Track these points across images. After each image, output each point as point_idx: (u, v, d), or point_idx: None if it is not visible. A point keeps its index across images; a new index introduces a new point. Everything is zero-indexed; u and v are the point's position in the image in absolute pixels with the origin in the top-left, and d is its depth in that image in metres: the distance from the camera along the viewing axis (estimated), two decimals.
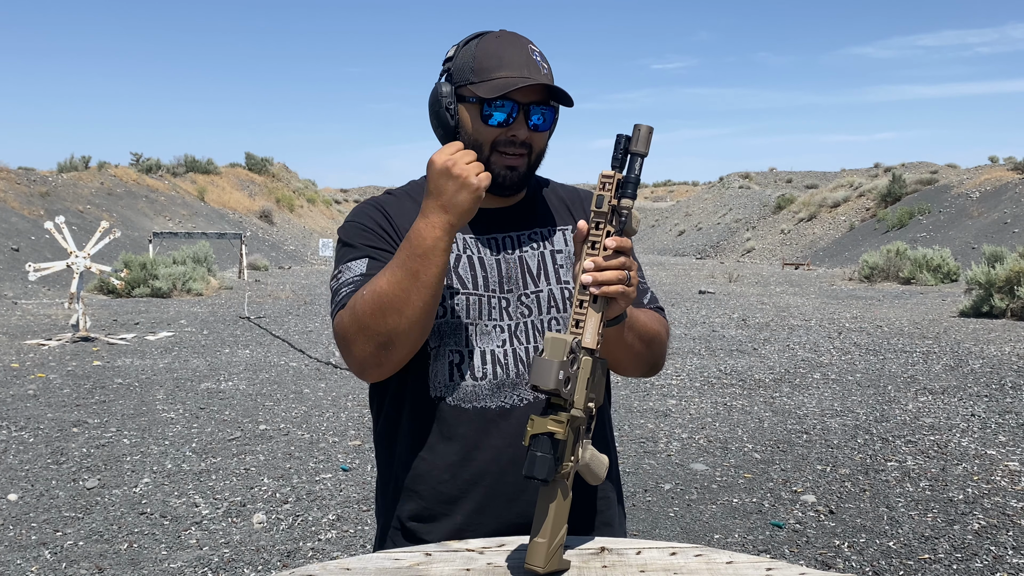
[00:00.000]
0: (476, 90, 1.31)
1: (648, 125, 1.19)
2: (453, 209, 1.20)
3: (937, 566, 3.47)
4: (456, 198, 1.19)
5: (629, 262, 1.16)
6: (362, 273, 1.31)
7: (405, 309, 1.21)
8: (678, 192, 68.86)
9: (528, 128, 1.32)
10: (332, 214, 48.68)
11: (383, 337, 1.23)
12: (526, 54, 1.33)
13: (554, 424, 1.10)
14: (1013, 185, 27.88)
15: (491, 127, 1.31)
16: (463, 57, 1.35)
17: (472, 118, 1.33)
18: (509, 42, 1.34)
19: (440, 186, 1.19)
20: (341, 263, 1.36)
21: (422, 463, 1.36)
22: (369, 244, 1.35)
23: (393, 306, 1.21)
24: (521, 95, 1.30)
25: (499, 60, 1.31)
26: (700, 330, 11.37)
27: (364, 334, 1.23)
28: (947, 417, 6.08)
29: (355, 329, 1.24)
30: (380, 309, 1.21)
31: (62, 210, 22.79)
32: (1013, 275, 12.36)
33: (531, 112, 1.31)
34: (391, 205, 1.41)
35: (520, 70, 1.30)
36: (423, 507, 1.36)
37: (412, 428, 1.37)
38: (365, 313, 1.22)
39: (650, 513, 4.19)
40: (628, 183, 1.17)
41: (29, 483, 4.61)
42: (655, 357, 1.40)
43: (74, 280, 10.17)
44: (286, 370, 8.25)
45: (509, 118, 1.31)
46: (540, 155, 1.37)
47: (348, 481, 4.68)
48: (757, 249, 38.72)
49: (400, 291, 1.20)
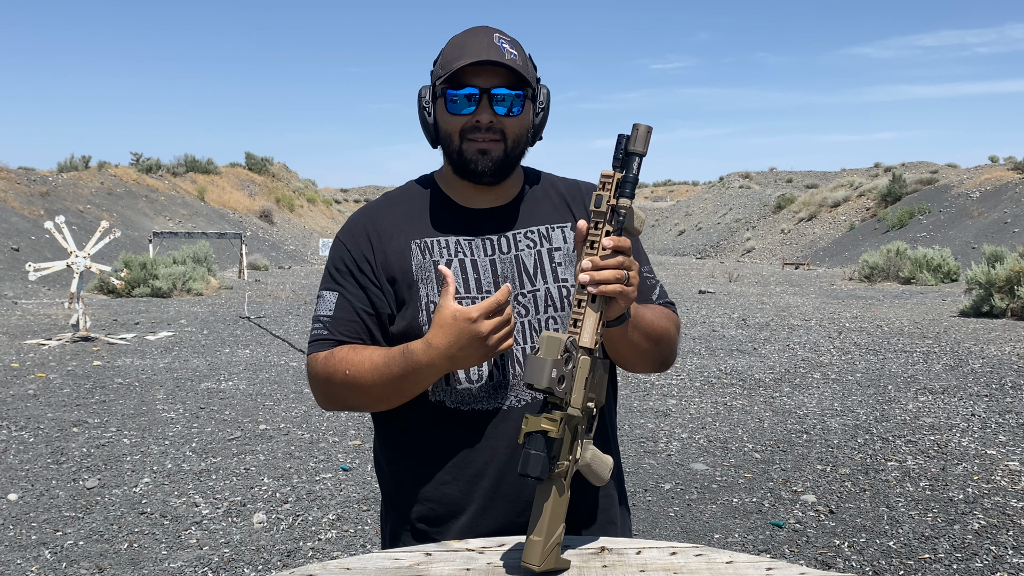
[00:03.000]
0: (441, 82, 1.33)
1: (647, 125, 1.18)
2: (458, 362, 1.25)
3: (937, 566, 3.47)
4: (469, 360, 1.24)
5: (628, 261, 1.16)
6: (330, 312, 1.38)
7: (378, 403, 1.35)
8: (678, 192, 68.85)
9: (492, 112, 1.32)
10: (332, 214, 48.68)
11: (350, 406, 1.38)
12: (488, 40, 1.33)
13: (547, 422, 1.11)
14: (1013, 185, 27.88)
15: (455, 115, 1.33)
16: (440, 56, 1.38)
17: (440, 110, 1.35)
18: (473, 32, 1.36)
19: (463, 343, 1.22)
20: (321, 285, 1.42)
21: (424, 467, 1.37)
22: (342, 278, 1.40)
23: (369, 394, 1.31)
24: (482, 80, 1.31)
25: (461, 50, 1.33)
26: (700, 330, 11.37)
27: (331, 397, 1.36)
28: (947, 417, 6.07)
29: (324, 387, 1.35)
30: (356, 393, 1.33)
31: (62, 210, 22.79)
32: (1013, 275, 12.36)
33: (494, 96, 1.31)
34: (382, 217, 1.41)
35: (479, 55, 1.30)
36: (429, 509, 1.36)
37: (413, 432, 1.38)
38: (342, 387, 1.32)
39: (650, 513, 4.19)
40: (626, 183, 1.17)
41: (29, 483, 4.61)
42: (664, 354, 1.40)
43: (74, 280, 10.17)
44: (286, 370, 8.25)
45: (470, 103, 1.31)
46: (518, 142, 1.36)
47: (348, 481, 4.68)
48: (757, 249, 38.71)
49: (380, 390, 1.30)
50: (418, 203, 1.42)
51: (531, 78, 1.35)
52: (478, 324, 1.20)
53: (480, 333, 1.20)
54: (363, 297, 1.37)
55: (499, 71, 1.31)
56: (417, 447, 1.37)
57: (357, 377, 1.29)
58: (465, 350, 1.22)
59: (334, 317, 1.37)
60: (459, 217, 1.40)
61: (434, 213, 1.41)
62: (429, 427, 1.36)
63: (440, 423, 1.35)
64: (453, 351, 1.22)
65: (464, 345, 1.21)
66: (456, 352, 1.22)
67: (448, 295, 1.24)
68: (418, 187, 1.45)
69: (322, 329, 1.37)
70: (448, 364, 1.24)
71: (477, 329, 1.20)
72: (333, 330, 1.36)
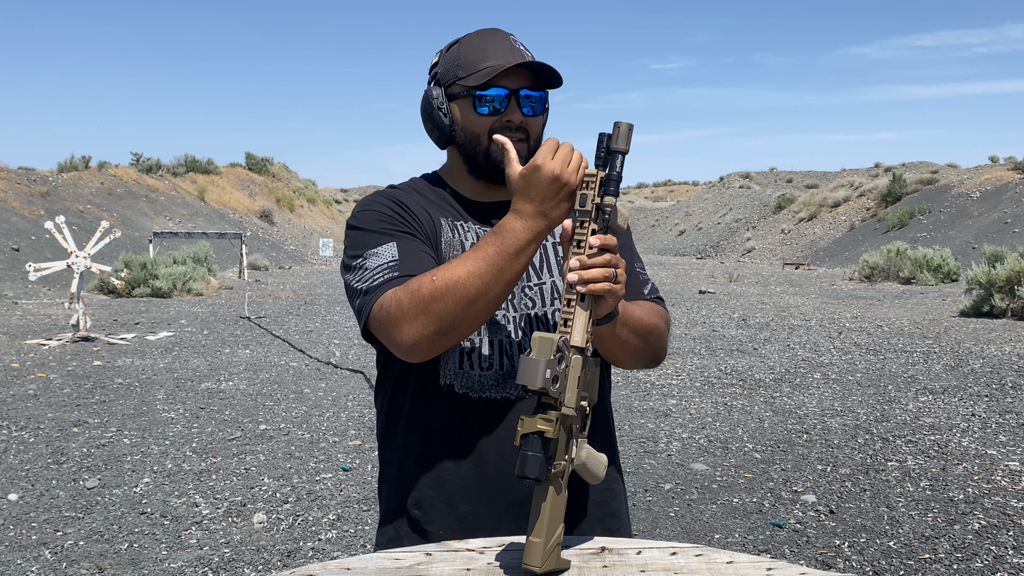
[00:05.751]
0: (465, 83, 1.34)
1: (628, 122, 1.19)
2: (551, 215, 1.20)
3: (937, 566, 3.47)
4: (559, 207, 1.20)
5: (615, 259, 1.16)
6: (395, 257, 1.29)
7: (479, 301, 1.20)
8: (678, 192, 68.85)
9: (521, 112, 1.34)
10: (332, 214, 48.67)
11: (446, 324, 1.20)
12: (508, 43, 1.36)
13: (543, 423, 1.11)
14: (1013, 185, 27.87)
15: (484, 116, 1.34)
16: (448, 59, 1.38)
17: (464, 111, 1.36)
18: (491, 34, 1.37)
19: (545, 192, 1.18)
20: (363, 249, 1.32)
21: (427, 451, 1.37)
22: (395, 229, 1.34)
23: (468, 296, 1.19)
24: (510, 81, 1.33)
25: (484, 52, 1.35)
26: (700, 330, 11.37)
27: (426, 316, 1.20)
28: (947, 417, 6.07)
29: (415, 311, 1.20)
30: (454, 297, 1.19)
31: (62, 210, 22.78)
32: (1013, 275, 12.35)
33: (522, 97, 1.34)
34: (403, 196, 1.41)
35: (505, 57, 1.33)
36: (425, 495, 1.37)
37: (418, 415, 1.38)
38: (433, 298, 1.19)
39: (650, 513, 4.19)
40: (610, 181, 1.18)
41: (29, 483, 4.61)
42: (654, 350, 1.40)
43: (74, 280, 10.17)
44: (286, 370, 8.25)
45: (501, 104, 1.33)
46: (538, 142, 1.38)
47: (348, 481, 4.68)
48: (757, 249, 38.71)
49: (481, 284, 1.19)
50: (432, 194, 1.44)
51: (550, 73, 1.37)
52: (546, 165, 1.17)
53: (554, 172, 1.17)
54: (421, 243, 1.34)
55: (522, 73, 1.34)
56: (422, 431, 1.37)
57: (452, 278, 1.19)
58: (551, 199, 1.18)
59: (402, 260, 1.28)
60: (471, 210, 1.42)
61: (452, 204, 1.43)
62: (436, 412, 1.36)
63: (448, 408, 1.35)
64: (540, 205, 1.19)
65: (548, 195, 1.18)
66: (544, 204, 1.19)
67: (512, 161, 1.22)
68: (425, 182, 1.47)
69: (391, 272, 1.26)
70: (543, 220, 1.19)
71: (550, 171, 1.17)
72: (405, 270, 1.27)
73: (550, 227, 1.21)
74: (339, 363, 8.62)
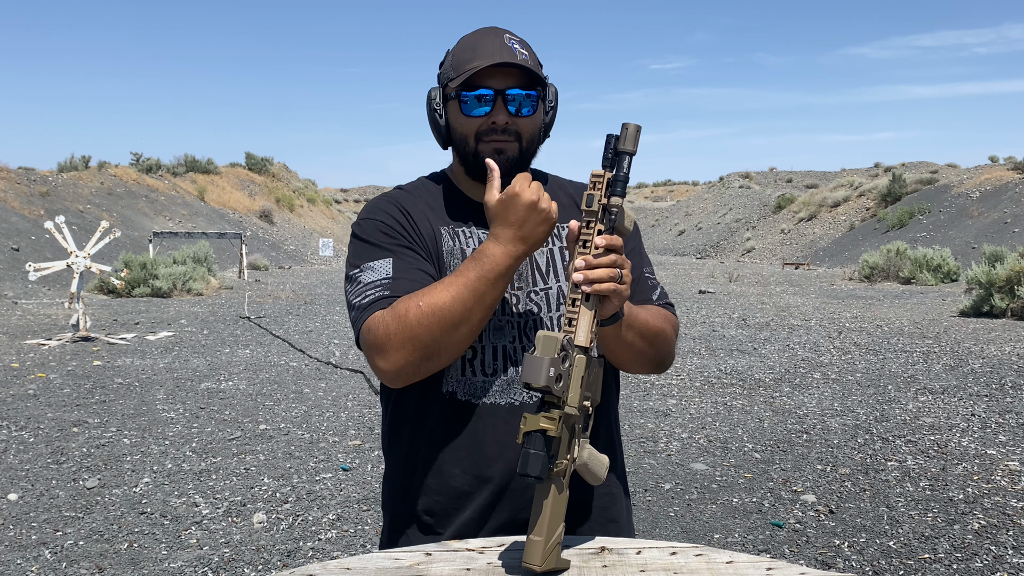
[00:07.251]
0: (454, 84, 1.34)
1: (636, 124, 1.19)
2: (530, 240, 1.23)
3: (937, 566, 3.47)
4: (537, 231, 1.23)
5: (620, 260, 1.17)
6: (388, 275, 1.30)
7: (463, 326, 1.22)
8: (678, 192, 68.88)
9: (508, 113, 1.32)
10: (332, 214, 48.68)
11: (432, 349, 1.23)
12: (500, 42, 1.34)
13: (546, 421, 1.11)
14: (1013, 185, 27.88)
15: (471, 117, 1.33)
16: (447, 59, 1.38)
17: (454, 113, 1.36)
18: (484, 33, 1.36)
19: (524, 218, 1.21)
20: (361, 261, 1.33)
21: (432, 457, 1.37)
22: (394, 243, 1.34)
23: (452, 322, 1.21)
24: (496, 81, 1.32)
25: (473, 52, 1.34)
26: (700, 330, 11.37)
27: (412, 344, 1.22)
28: (947, 417, 6.07)
29: (401, 337, 1.22)
30: (438, 323, 1.21)
31: (62, 210, 22.79)
32: (1013, 275, 12.36)
33: (508, 97, 1.32)
34: (407, 201, 1.41)
35: (492, 57, 1.31)
36: (434, 501, 1.36)
37: (423, 422, 1.37)
38: (420, 324, 1.21)
39: (650, 513, 4.19)
40: (617, 181, 1.18)
41: (29, 483, 4.61)
42: (661, 355, 1.40)
43: (74, 280, 10.17)
44: (286, 370, 8.25)
45: (485, 104, 1.32)
46: (532, 142, 1.37)
47: (348, 481, 4.68)
48: (757, 249, 38.72)
49: (463, 309, 1.21)
50: (436, 196, 1.43)
51: (542, 77, 1.36)
52: (523, 193, 1.21)
53: (531, 199, 1.20)
54: (419, 258, 1.34)
55: (512, 72, 1.32)
56: (425, 438, 1.37)
57: (435, 304, 1.20)
58: (528, 223, 1.22)
59: (395, 278, 1.29)
60: (474, 210, 1.41)
61: (454, 206, 1.42)
62: (440, 418, 1.35)
63: (451, 415, 1.34)
64: (518, 230, 1.22)
65: (524, 219, 1.21)
66: (522, 229, 1.22)
67: (493, 188, 1.25)
68: (431, 183, 1.46)
69: (382, 290, 1.28)
70: (522, 245, 1.22)
71: (527, 198, 1.20)
72: (396, 289, 1.28)
73: (527, 252, 1.23)
74: (339, 363, 8.62)
